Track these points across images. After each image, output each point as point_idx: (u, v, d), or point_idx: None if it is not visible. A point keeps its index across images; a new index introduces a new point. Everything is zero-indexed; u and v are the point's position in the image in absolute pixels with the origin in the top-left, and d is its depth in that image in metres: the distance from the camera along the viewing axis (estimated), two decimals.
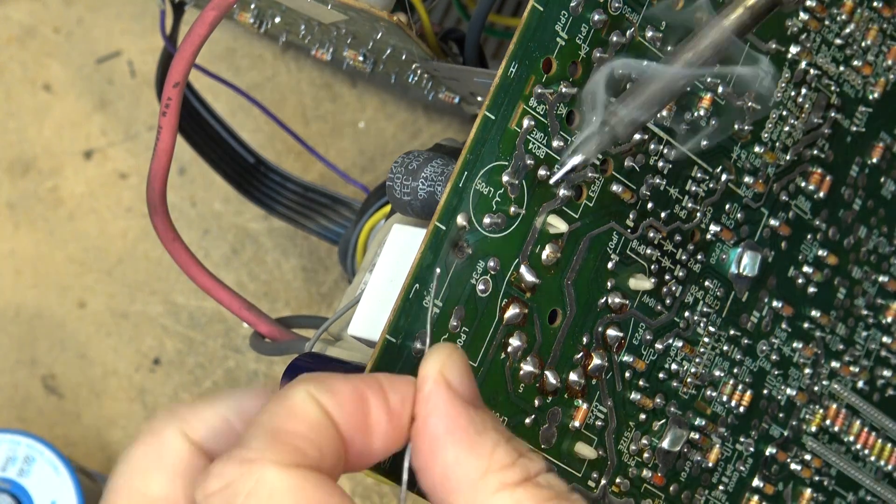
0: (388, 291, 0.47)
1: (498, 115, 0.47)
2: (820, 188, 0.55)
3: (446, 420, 0.41)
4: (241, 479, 0.39)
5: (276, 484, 0.38)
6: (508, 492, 0.40)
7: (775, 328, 0.55)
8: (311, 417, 0.40)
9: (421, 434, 0.41)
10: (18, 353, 0.71)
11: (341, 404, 0.40)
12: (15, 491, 0.63)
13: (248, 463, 0.39)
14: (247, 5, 0.63)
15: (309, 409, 0.40)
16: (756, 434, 0.55)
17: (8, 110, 0.73)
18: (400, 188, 0.48)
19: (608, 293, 0.50)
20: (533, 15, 0.47)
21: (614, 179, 0.50)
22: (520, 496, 0.40)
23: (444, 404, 0.41)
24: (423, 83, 0.62)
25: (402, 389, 0.41)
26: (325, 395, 0.40)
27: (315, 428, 0.40)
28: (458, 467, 0.41)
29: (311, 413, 0.40)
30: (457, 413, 0.41)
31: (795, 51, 0.54)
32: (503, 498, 0.40)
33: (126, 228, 0.72)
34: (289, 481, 0.38)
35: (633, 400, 0.51)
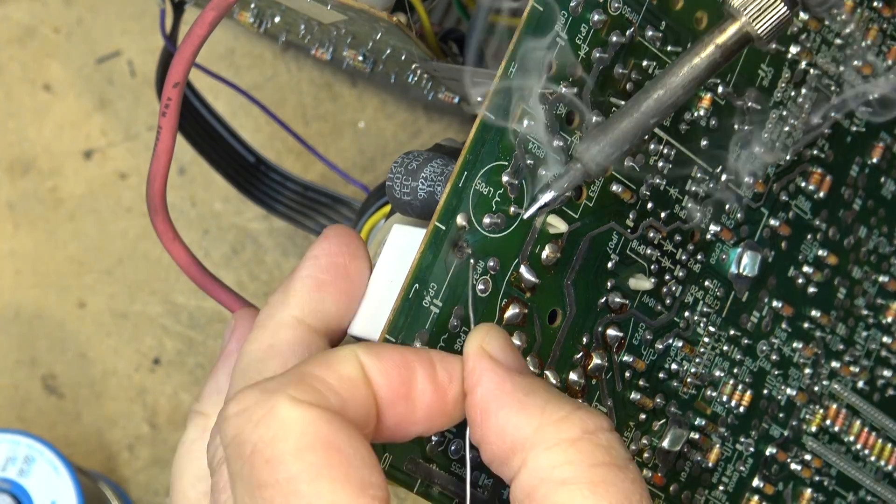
0: (388, 291, 0.47)
1: (498, 115, 0.47)
2: (820, 188, 0.55)
3: (491, 387, 0.42)
4: (256, 406, 0.40)
5: (286, 414, 0.39)
6: (564, 447, 0.41)
7: (775, 328, 0.55)
8: (344, 371, 0.41)
9: (472, 407, 0.42)
10: (18, 353, 0.71)
11: (384, 369, 0.41)
12: (15, 491, 0.63)
13: (267, 393, 0.40)
14: (247, 5, 0.63)
15: (346, 364, 0.41)
16: (756, 434, 0.55)
17: (8, 110, 0.73)
18: (400, 188, 0.48)
19: (608, 293, 0.50)
20: (532, 15, 0.47)
21: (614, 179, 0.50)
22: (574, 453, 0.41)
23: (487, 373, 0.42)
24: (423, 83, 0.62)
25: (452, 366, 0.43)
26: (370, 357, 0.41)
27: (345, 380, 0.41)
28: (511, 428, 0.41)
29: (346, 368, 0.41)
30: (500, 380, 0.42)
31: (795, 51, 0.54)
32: (557, 452, 0.41)
33: (126, 228, 0.72)
34: (299, 414, 0.39)
35: (633, 400, 0.51)
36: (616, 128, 0.45)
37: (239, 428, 0.40)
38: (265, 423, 0.39)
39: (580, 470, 0.40)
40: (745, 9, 0.44)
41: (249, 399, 0.40)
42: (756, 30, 0.44)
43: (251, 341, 0.45)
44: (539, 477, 0.40)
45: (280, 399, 0.39)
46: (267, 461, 0.39)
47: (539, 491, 0.40)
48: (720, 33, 0.45)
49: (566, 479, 0.40)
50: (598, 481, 0.40)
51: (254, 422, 0.39)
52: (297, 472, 0.38)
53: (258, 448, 0.39)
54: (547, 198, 0.46)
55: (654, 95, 0.45)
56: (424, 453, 0.46)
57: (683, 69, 0.45)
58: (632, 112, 0.45)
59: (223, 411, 0.40)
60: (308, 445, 0.39)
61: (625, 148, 0.45)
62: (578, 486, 0.40)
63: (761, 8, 0.44)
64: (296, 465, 0.39)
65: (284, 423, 0.39)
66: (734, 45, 0.45)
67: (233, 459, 0.40)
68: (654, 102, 0.45)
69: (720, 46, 0.45)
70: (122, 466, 0.71)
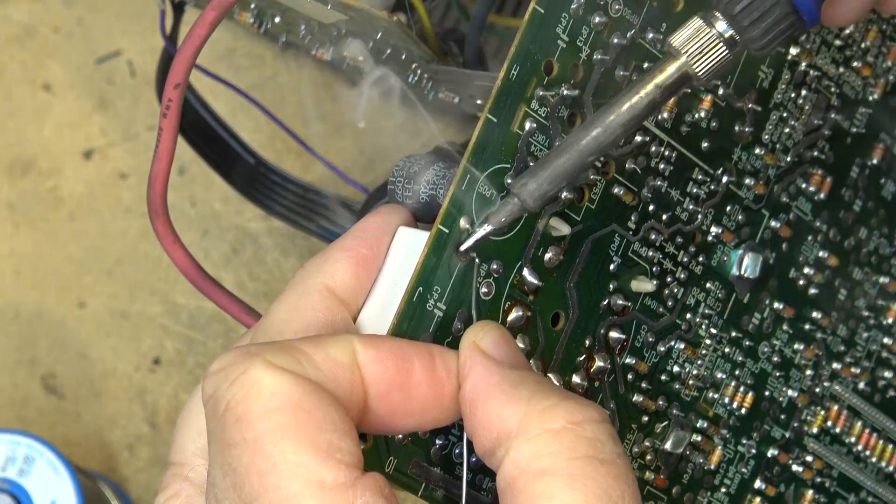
0: (392, 294, 0.47)
1: (500, 117, 0.47)
2: (820, 189, 0.56)
3: (480, 381, 0.42)
4: (234, 366, 0.40)
5: (259, 375, 0.39)
6: (546, 437, 0.40)
7: (776, 330, 0.55)
8: (333, 353, 0.41)
9: (462, 399, 0.42)
10: (18, 353, 0.71)
11: (380, 358, 0.41)
12: (15, 491, 0.63)
13: (247, 355, 0.40)
14: (247, 5, 0.63)
15: (337, 347, 0.41)
16: (758, 436, 0.55)
17: (8, 110, 0.73)
18: (402, 192, 0.48)
19: (610, 295, 0.50)
20: (534, 17, 0.47)
21: (616, 182, 0.50)
22: (556, 444, 0.40)
23: (477, 366, 0.42)
24: (423, 83, 0.62)
25: (450, 361, 0.43)
26: (365, 345, 0.41)
27: (331, 361, 0.41)
28: (497, 419, 0.41)
29: (336, 350, 0.41)
30: (489, 373, 0.42)
31: (795, 52, 0.54)
32: (539, 443, 0.40)
33: (126, 228, 0.72)
34: (272, 376, 0.39)
35: (636, 402, 0.51)
36: (554, 164, 0.45)
37: (215, 386, 0.40)
38: (239, 383, 0.39)
39: (559, 462, 0.40)
40: (685, 48, 0.45)
41: (229, 359, 0.40)
42: (695, 70, 0.45)
43: (280, 301, 0.46)
44: (520, 466, 0.40)
45: (257, 361, 0.40)
46: (237, 420, 0.39)
47: (519, 481, 0.40)
48: (660, 72, 0.45)
49: (545, 469, 0.40)
50: (576, 474, 0.39)
51: (229, 380, 0.40)
52: (264, 432, 0.39)
53: (230, 406, 0.39)
54: (484, 231, 0.46)
55: (592, 133, 0.45)
56: (429, 457, 0.47)
57: (623, 108, 0.45)
58: (570, 149, 0.45)
59: (209, 368, 0.41)
60: (276, 407, 0.39)
61: (562, 185, 0.45)
62: (556, 478, 0.39)
63: (701, 48, 0.45)
64: (262, 425, 0.39)
65: (256, 384, 0.39)
66: (673, 84, 0.45)
67: (209, 417, 0.40)
68: (593, 141, 0.45)
69: (659, 86, 0.45)
70: (122, 466, 0.71)
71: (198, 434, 0.46)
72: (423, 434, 0.46)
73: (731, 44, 0.45)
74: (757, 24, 0.44)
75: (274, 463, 0.38)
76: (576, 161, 0.45)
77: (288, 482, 0.38)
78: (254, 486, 0.38)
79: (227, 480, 0.39)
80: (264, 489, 0.38)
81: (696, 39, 0.45)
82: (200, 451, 0.46)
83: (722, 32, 0.44)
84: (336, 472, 0.38)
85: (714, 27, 0.45)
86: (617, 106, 0.45)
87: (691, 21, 0.45)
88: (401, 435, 0.46)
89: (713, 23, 0.45)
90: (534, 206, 0.45)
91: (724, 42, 0.44)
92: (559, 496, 0.39)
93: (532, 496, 0.40)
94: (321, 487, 0.38)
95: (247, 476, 0.39)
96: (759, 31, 0.44)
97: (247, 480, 0.39)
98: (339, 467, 0.38)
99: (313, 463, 0.38)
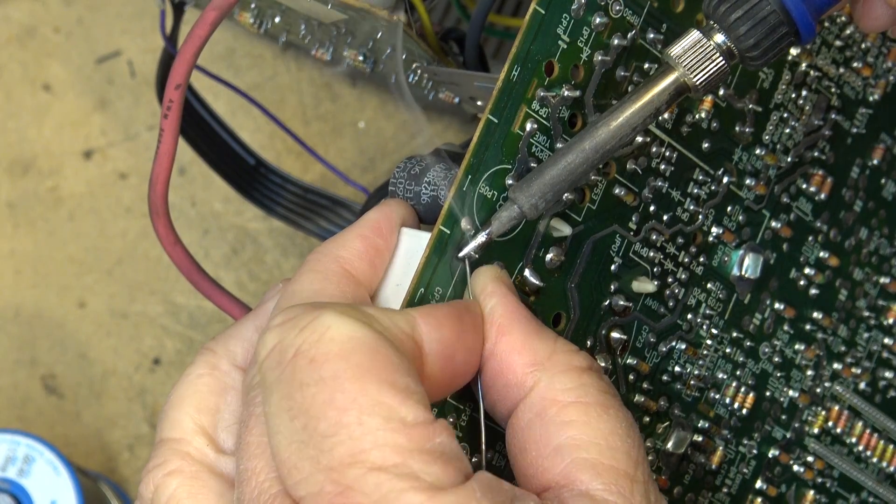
0: (394, 295, 0.47)
1: (501, 118, 0.47)
2: (821, 190, 0.56)
3: (510, 308, 0.44)
4: (302, 315, 0.40)
5: (333, 320, 0.39)
6: (576, 373, 0.43)
7: (777, 330, 0.55)
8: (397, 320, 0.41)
9: (488, 321, 0.44)
10: (18, 353, 0.71)
11: (438, 325, 0.42)
12: (15, 491, 0.63)
13: (313, 307, 0.40)
14: (247, 5, 0.63)
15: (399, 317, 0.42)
16: (759, 436, 0.55)
17: (8, 110, 0.72)
18: (403, 192, 0.48)
19: (611, 296, 0.50)
20: (534, 18, 0.47)
21: (617, 182, 0.50)
22: (586, 378, 0.43)
23: (507, 295, 0.44)
24: (423, 83, 0.62)
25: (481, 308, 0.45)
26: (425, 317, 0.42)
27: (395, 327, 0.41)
28: (526, 348, 0.43)
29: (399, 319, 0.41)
30: (518, 305, 0.44)
31: (795, 53, 0.54)
32: (570, 376, 0.43)
33: (126, 228, 0.72)
34: (347, 321, 0.39)
35: (637, 402, 0.51)
36: (551, 173, 0.45)
37: (281, 335, 0.40)
38: (311, 328, 0.39)
39: (590, 393, 0.42)
40: (683, 60, 0.45)
41: (295, 311, 0.40)
42: (693, 81, 0.45)
43: (298, 282, 0.45)
44: (551, 396, 0.43)
45: (327, 309, 0.39)
46: (311, 360, 0.39)
47: (551, 409, 0.42)
48: (657, 83, 0.45)
49: (578, 398, 0.42)
50: (606, 405, 0.42)
51: (299, 328, 0.39)
52: (343, 370, 0.38)
53: (302, 350, 0.39)
54: (481, 238, 0.46)
55: (591, 143, 0.45)
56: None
57: (621, 118, 0.45)
58: (567, 158, 0.45)
59: (266, 328, 0.40)
60: (354, 348, 0.39)
61: (560, 194, 0.46)
62: (589, 406, 0.42)
63: (699, 60, 0.45)
64: (341, 364, 0.38)
65: (330, 328, 0.39)
66: (670, 96, 0.45)
67: (270, 369, 0.40)
68: (592, 150, 0.46)
69: (658, 93, 0.45)
70: (122, 466, 0.71)
71: (198, 411, 0.45)
72: None
73: (729, 56, 0.45)
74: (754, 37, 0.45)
75: (354, 398, 0.38)
76: (573, 170, 0.45)
77: (369, 418, 0.38)
78: (331, 422, 0.38)
79: (297, 422, 0.38)
80: (343, 425, 0.38)
81: (694, 51, 0.45)
82: (200, 428, 0.45)
83: (720, 44, 0.45)
84: (416, 412, 0.39)
85: (712, 39, 0.45)
86: (615, 116, 0.45)
87: (689, 33, 0.45)
88: None
89: (711, 35, 0.45)
90: (531, 212, 0.46)
91: (721, 54, 0.45)
92: (594, 422, 0.42)
93: (565, 422, 0.42)
94: (402, 423, 0.38)
95: (323, 414, 0.38)
96: (758, 50, 0.45)
97: (322, 418, 0.38)
98: (417, 407, 0.39)
99: (395, 401, 0.38)
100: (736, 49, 0.45)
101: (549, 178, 0.45)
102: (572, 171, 0.45)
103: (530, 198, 0.45)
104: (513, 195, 0.46)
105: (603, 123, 0.45)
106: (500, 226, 0.46)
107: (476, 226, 0.46)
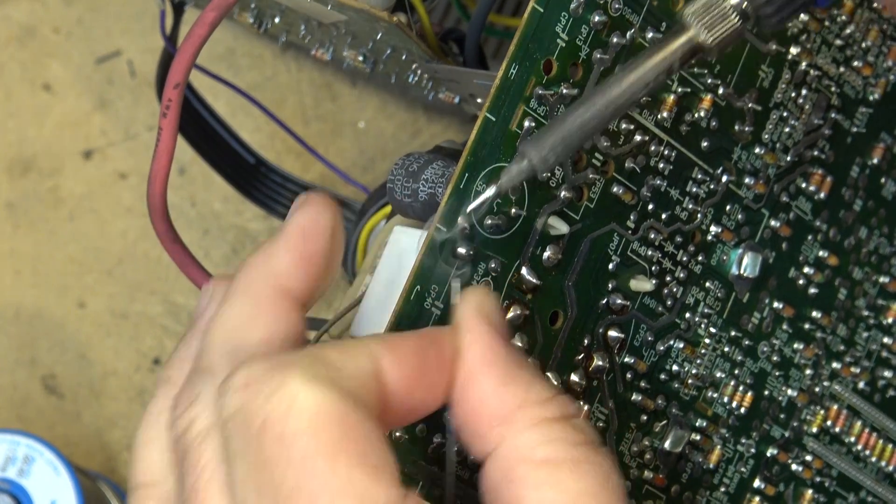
0: (390, 293, 0.47)
1: (499, 116, 0.47)
2: (820, 189, 0.55)
3: (486, 350, 0.41)
4: (267, 379, 0.38)
5: (300, 389, 0.37)
6: (546, 426, 0.40)
7: (776, 329, 0.55)
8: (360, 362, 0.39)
9: (459, 364, 0.41)
10: (18, 353, 0.71)
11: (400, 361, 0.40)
12: (15, 491, 0.63)
13: (279, 366, 0.38)
14: (247, 5, 0.63)
15: (361, 356, 0.39)
16: (757, 435, 0.55)
17: (8, 110, 0.73)
18: (401, 190, 0.48)
19: (609, 294, 0.50)
20: (533, 16, 0.47)
21: (615, 181, 0.50)
22: (556, 432, 0.40)
23: (484, 335, 0.41)
24: (423, 83, 0.62)
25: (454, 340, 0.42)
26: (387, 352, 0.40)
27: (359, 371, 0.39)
28: (496, 397, 0.40)
29: (361, 360, 0.39)
30: (496, 345, 0.41)
31: (795, 51, 0.54)
32: (539, 431, 0.40)
33: (126, 228, 0.72)
34: (315, 391, 0.37)
35: (635, 401, 0.51)
36: (565, 126, 0.44)
37: (245, 401, 0.38)
38: (278, 398, 0.37)
39: (563, 448, 0.40)
40: (697, 19, 0.44)
41: (258, 371, 0.38)
42: (707, 40, 0.44)
43: (231, 306, 0.43)
44: (520, 455, 0.40)
45: (293, 373, 0.37)
46: (279, 438, 0.37)
47: (518, 469, 0.40)
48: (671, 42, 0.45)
49: (548, 457, 0.39)
50: (579, 460, 0.39)
51: (264, 395, 0.37)
52: (313, 451, 0.37)
53: (269, 424, 0.37)
54: (489, 193, 0.45)
55: (606, 97, 0.44)
56: (426, 455, 0.47)
57: (633, 75, 0.44)
58: (582, 111, 0.44)
59: (225, 384, 0.38)
60: (324, 424, 0.37)
61: (572, 146, 0.44)
62: (559, 465, 0.39)
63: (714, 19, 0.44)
64: (310, 444, 0.37)
65: (298, 399, 0.37)
66: (684, 55, 0.45)
67: (235, 436, 0.38)
68: (606, 105, 0.44)
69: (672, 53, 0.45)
70: (122, 466, 0.71)
71: (163, 450, 0.43)
72: (420, 432, 0.46)
73: (745, 16, 0.44)
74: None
75: (325, 481, 0.36)
76: (585, 125, 0.44)
77: (341, 502, 0.36)
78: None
79: (266, 501, 0.37)
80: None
81: (709, 10, 0.44)
82: (169, 466, 0.43)
83: (736, 4, 0.44)
84: (388, 491, 0.37)
85: None
86: (628, 73, 0.44)
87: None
88: (398, 432, 0.46)
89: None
90: (543, 168, 0.44)
91: (738, 13, 0.44)
92: (564, 483, 0.39)
93: (535, 485, 0.39)
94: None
95: (293, 497, 0.37)
96: (772, 7, 0.44)
97: (292, 502, 0.37)
98: (390, 485, 0.37)
99: (367, 480, 0.37)
100: (751, 8, 0.44)
101: (561, 132, 0.44)
102: (583, 126, 0.44)
103: (541, 150, 0.44)
104: (523, 149, 0.44)
105: (615, 80, 0.44)
106: (510, 179, 0.44)
107: (473, 223, 0.46)
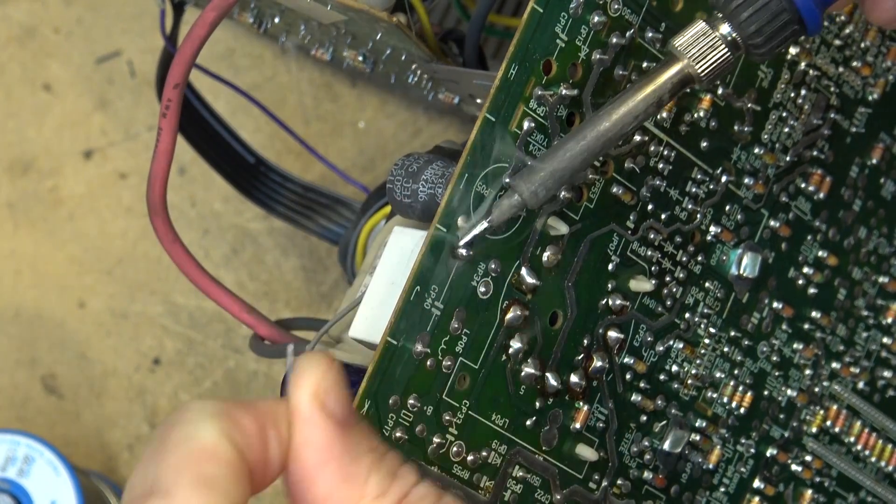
0: (389, 294, 0.47)
1: (498, 116, 0.47)
2: (820, 189, 0.55)
3: (320, 450, 0.39)
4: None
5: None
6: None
7: (776, 329, 0.55)
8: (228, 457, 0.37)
9: (294, 464, 0.39)
10: (18, 353, 0.71)
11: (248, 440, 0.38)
12: (15, 491, 0.63)
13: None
14: (247, 5, 0.63)
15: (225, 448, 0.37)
16: (757, 435, 0.55)
17: (8, 110, 0.73)
18: (400, 190, 0.48)
19: (609, 295, 0.50)
20: (533, 17, 0.47)
21: (615, 181, 0.50)
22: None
23: (318, 433, 0.39)
24: (422, 83, 0.62)
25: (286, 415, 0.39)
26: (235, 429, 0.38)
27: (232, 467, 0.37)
28: (331, 499, 0.39)
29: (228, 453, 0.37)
30: (332, 442, 0.39)
31: (794, 52, 0.54)
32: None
33: (126, 228, 0.72)
34: None
35: (634, 401, 0.51)
36: (554, 162, 0.45)
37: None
38: None
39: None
40: (688, 51, 0.45)
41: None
42: (697, 72, 0.45)
43: None
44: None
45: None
46: None
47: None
48: (661, 73, 0.45)
49: None
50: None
51: None
52: None
53: None
54: (481, 227, 0.46)
55: (594, 132, 0.45)
56: (426, 456, 0.47)
57: (625, 108, 0.45)
58: (571, 147, 0.45)
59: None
60: None
61: (562, 183, 0.45)
62: None
63: (703, 50, 0.45)
64: None
65: None
66: (674, 87, 0.45)
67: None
68: (595, 140, 0.45)
69: (662, 85, 0.45)
70: (122, 466, 0.71)
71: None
72: (420, 433, 0.46)
73: (734, 47, 0.45)
74: (756, 23, 0.44)
75: None
76: (574, 159, 0.45)
77: None
78: None
79: None
80: None
81: (699, 41, 0.45)
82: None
83: (725, 35, 0.45)
84: None
85: (717, 30, 0.45)
86: (618, 106, 0.45)
87: (695, 23, 0.45)
88: (399, 433, 0.46)
89: (716, 25, 0.45)
90: (534, 203, 0.45)
91: (726, 44, 0.45)
92: None
93: None
94: None
95: None
96: (761, 37, 0.45)
97: None
98: None
99: None
100: (740, 39, 0.45)
101: (551, 166, 0.45)
102: (573, 160, 0.45)
103: (531, 185, 0.45)
104: (513, 183, 0.45)
105: (605, 113, 0.45)
106: (501, 214, 0.46)
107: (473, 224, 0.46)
